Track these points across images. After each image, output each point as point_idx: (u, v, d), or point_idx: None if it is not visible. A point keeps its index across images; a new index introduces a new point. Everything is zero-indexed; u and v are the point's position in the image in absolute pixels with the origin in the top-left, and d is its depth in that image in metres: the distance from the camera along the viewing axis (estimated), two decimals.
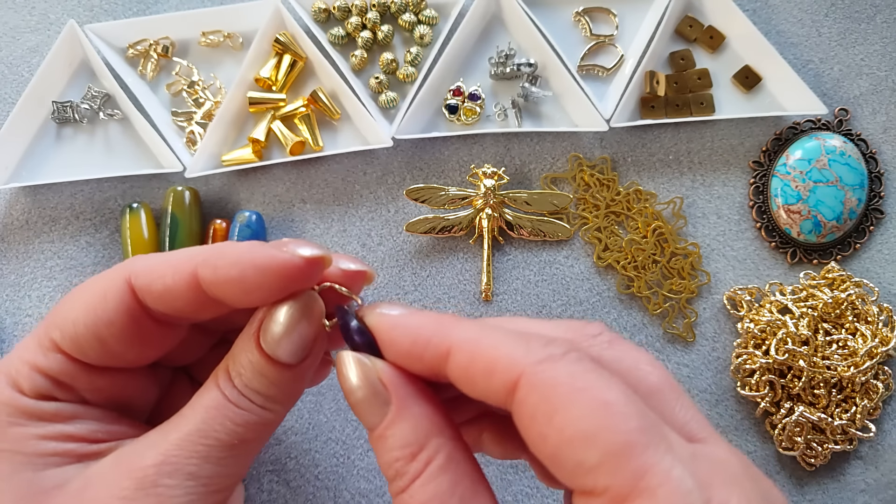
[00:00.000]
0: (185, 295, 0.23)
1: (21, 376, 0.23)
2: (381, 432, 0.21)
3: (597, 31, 0.48)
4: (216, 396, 0.23)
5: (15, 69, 0.48)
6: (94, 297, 0.23)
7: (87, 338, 0.23)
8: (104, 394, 0.25)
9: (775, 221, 0.44)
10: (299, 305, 0.23)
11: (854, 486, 0.41)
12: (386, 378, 0.21)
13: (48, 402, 0.23)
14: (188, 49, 0.48)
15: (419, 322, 0.22)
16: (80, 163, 0.46)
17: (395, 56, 0.47)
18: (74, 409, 0.24)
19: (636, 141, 0.46)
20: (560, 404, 0.18)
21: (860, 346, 0.41)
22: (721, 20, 0.47)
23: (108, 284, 0.23)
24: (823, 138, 0.44)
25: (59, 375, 0.23)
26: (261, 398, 0.23)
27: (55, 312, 0.24)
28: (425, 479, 0.20)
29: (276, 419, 0.24)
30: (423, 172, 0.46)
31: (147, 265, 0.23)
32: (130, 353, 0.24)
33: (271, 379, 0.23)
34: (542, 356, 0.19)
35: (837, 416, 0.41)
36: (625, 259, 0.44)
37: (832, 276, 0.43)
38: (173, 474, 0.21)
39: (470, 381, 0.20)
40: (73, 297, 0.24)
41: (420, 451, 0.20)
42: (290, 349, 0.23)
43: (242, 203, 0.46)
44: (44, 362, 0.23)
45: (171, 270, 0.23)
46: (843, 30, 0.48)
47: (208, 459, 0.22)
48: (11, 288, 0.45)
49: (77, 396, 0.24)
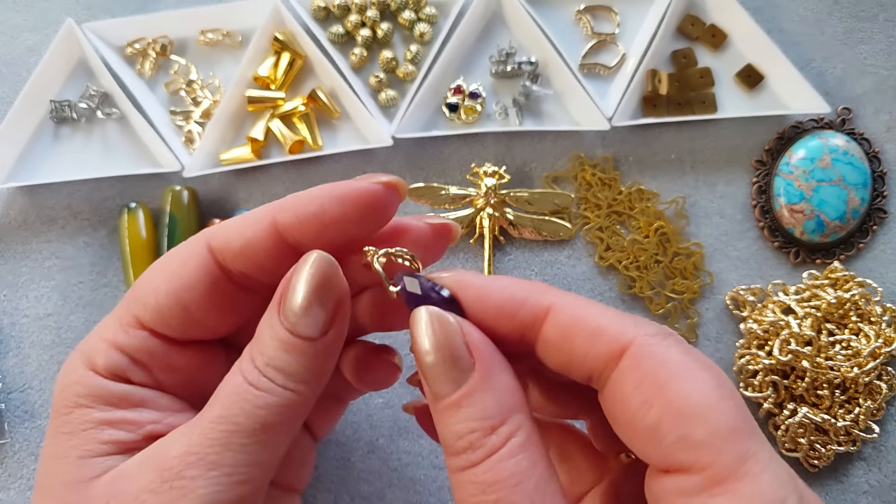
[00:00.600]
0: (265, 245, 0.22)
1: (98, 354, 0.23)
2: (457, 400, 0.20)
3: (598, 30, 0.47)
4: (236, 379, 0.22)
5: (13, 68, 0.48)
6: (173, 264, 0.23)
7: (168, 305, 0.23)
8: (180, 375, 0.24)
9: (778, 221, 0.44)
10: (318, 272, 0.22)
11: (857, 488, 0.41)
12: (472, 340, 0.20)
13: (120, 384, 0.23)
14: (186, 47, 0.48)
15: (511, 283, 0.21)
16: (78, 162, 0.46)
17: (394, 54, 0.46)
18: (143, 395, 0.23)
19: (638, 140, 0.46)
20: (672, 378, 0.18)
21: (863, 347, 0.40)
22: (723, 18, 0.47)
23: (187, 251, 0.23)
24: (826, 137, 0.44)
25: (138, 353, 0.23)
26: (282, 377, 0.21)
27: (135, 288, 0.24)
28: (503, 454, 0.19)
29: (300, 401, 0.22)
30: (424, 171, 0.46)
31: (224, 226, 0.23)
32: (211, 319, 0.24)
33: (293, 355, 0.21)
34: (650, 331, 0.19)
35: (841, 418, 0.40)
36: (627, 259, 0.44)
37: (835, 276, 0.43)
38: (196, 465, 0.20)
39: (567, 344, 0.20)
40: (152, 270, 0.24)
41: (501, 424, 0.19)
42: (310, 320, 0.21)
43: (241, 202, 0.46)
44: (123, 339, 0.23)
45: (250, 223, 0.23)
46: (846, 28, 0.48)
47: (229, 447, 0.21)
48: (9, 288, 0.44)
49: (151, 379, 0.23)
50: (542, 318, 0.20)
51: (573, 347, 0.20)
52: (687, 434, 0.17)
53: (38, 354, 0.43)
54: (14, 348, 0.43)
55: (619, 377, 0.19)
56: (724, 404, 0.18)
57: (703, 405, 0.18)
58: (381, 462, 0.41)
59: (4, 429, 0.42)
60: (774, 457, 0.18)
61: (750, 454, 0.17)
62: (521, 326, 0.20)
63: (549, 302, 0.20)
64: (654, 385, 0.18)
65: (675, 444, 0.18)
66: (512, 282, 0.21)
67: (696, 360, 0.19)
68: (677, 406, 0.18)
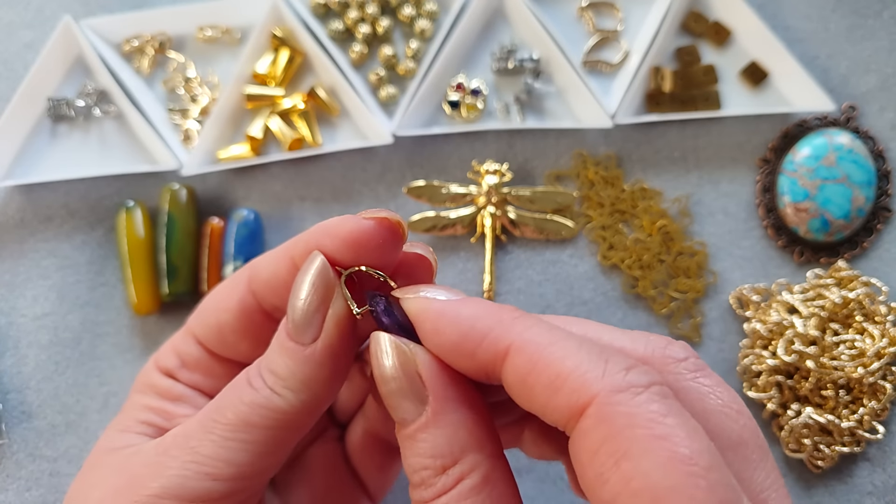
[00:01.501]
0: (287, 278, 0.23)
1: (164, 355, 0.27)
2: (412, 433, 0.19)
3: (601, 26, 0.47)
4: (240, 375, 0.23)
5: (9, 65, 0.48)
6: (223, 290, 0.26)
7: (210, 325, 0.26)
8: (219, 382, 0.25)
9: (783, 220, 0.44)
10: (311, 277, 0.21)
11: (862, 489, 0.41)
12: (425, 373, 0.19)
13: (167, 379, 0.26)
14: (185, 44, 0.48)
15: (473, 313, 0.19)
16: (75, 161, 0.46)
17: (395, 51, 0.46)
18: (183, 392, 0.26)
19: (641, 137, 0.46)
20: (633, 448, 0.15)
21: (868, 347, 0.40)
22: (727, 15, 0.46)
23: (235, 278, 0.26)
24: (831, 135, 0.44)
25: (187, 358, 0.26)
26: (272, 378, 0.22)
27: (200, 304, 0.27)
28: (453, 497, 0.18)
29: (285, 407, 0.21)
30: (424, 169, 0.46)
31: (263, 257, 0.25)
32: (243, 345, 0.26)
33: (285, 358, 0.22)
34: (620, 383, 0.16)
35: (845, 418, 0.40)
36: (630, 258, 0.43)
37: (840, 275, 0.43)
38: (179, 446, 0.21)
39: (527, 392, 0.18)
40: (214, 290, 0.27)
41: (453, 464, 0.18)
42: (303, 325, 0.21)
43: (240, 201, 0.45)
44: (182, 346, 0.27)
45: (277, 255, 0.24)
46: (850, 25, 0.47)
47: (212, 436, 0.21)
48: (6, 287, 0.44)
49: (194, 381, 0.26)
50: (501, 358, 0.18)
51: (533, 396, 0.17)
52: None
53: (35, 354, 0.43)
54: (11, 348, 0.43)
55: (578, 438, 0.16)
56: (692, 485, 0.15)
57: (666, 486, 0.15)
58: None
59: (2, 429, 0.41)
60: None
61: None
62: (481, 365, 0.18)
63: (508, 342, 0.18)
64: (611, 456, 0.15)
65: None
66: (473, 312, 0.19)
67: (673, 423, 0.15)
68: (634, 486, 0.15)
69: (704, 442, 0.16)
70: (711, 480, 0.15)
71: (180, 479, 0.21)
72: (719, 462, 0.16)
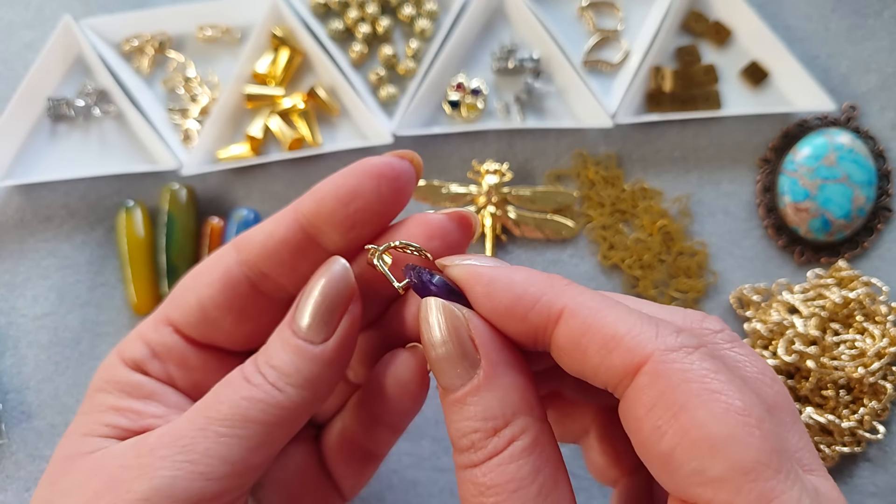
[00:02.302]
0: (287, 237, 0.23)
1: (129, 346, 0.24)
2: (461, 397, 0.19)
3: (601, 26, 0.47)
4: (232, 374, 0.22)
5: (9, 65, 0.48)
6: (205, 265, 0.24)
7: (191, 305, 0.24)
8: (194, 375, 0.24)
9: (783, 219, 0.44)
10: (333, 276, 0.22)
11: (862, 489, 0.41)
12: (478, 336, 0.19)
13: (136, 374, 0.24)
14: (184, 44, 0.48)
15: (525, 277, 0.19)
16: (75, 160, 0.46)
17: (395, 50, 0.46)
18: (154, 388, 0.24)
19: (641, 137, 0.46)
20: (690, 401, 0.16)
21: (869, 347, 0.40)
22: (728, 14, 0.46)
23: (217, 253, 0.24)
24: (832, 135, 0.44)
25: (157, 346, 0.24)
26: (274, 374, 0.21)
27: (175, 287, 0.25)
28: (504, 458, 0.18)
29: (287, 404, 0.21)
30: (425, 169, 0.46)
31: (253, 228, 0.24)
32: (226, 322, 0.24)
33: (291, 355, 0.21)
34: (673, 344, 0.17)
35: (846, 418, 0.40)
36: (630, 258, 0.43)
37: (841, 275, 0.43)
38: (169, 445, 0.20)
39: (580, 353, 0.18)
40: (191, 272, 0.25)
41: (504, 426, 0.18)
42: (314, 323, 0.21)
43: (240, 201, 0.45)
44: (151, 334, 0.24)
45: (274, 218, 0.23)
46: (851, 25, 0.47)
47: (205, 432, 0.20)
48: (6, 287, 0.44)
49: (165, 373, 0.24)
50: (554, 321, 0.18)
51: (586, 358, 0.18)
52: (702, 468, 0.16)
53: (35, 354, 0.43)
54: (11, 348, 0.43)
55: (634, 396, 0.17)
56: (747, 434, 0.16)
57: (723, 435, 0.15)
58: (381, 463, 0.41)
59: (2, 429, 0.41)
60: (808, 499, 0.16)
61: (775, 494, 0.15)
62: (532, 328, 0.19)
63: (561, 305, 0.18)
64: (668, 409, 0.16)
65: (688, 477, 0.16)
66: (525, 277, 0.19)
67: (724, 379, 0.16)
68: (693, 435, 0.16)
69: (754, 396, 0.17)
70: (764, 430, 0.16)
71: (171, 480, 0.20)
72: (768, 416, 0.16)
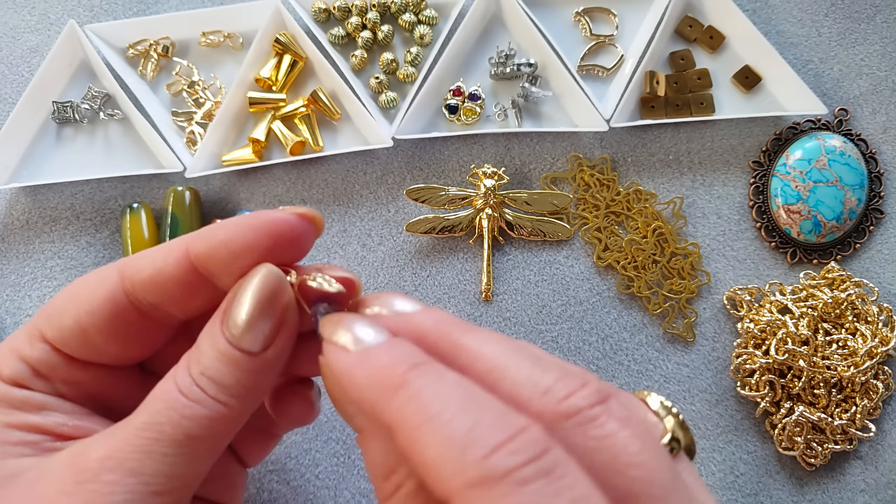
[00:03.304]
0: (176, 273, 0.22)
1: (3, 362, 0.23)
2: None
3: (597, 31, 0.48)
4: (167, 386, 0.21)
5: (15, 69, 0.48)
6: (83, 288, 0.23)
7: (70, 327, 0.23)
8: (82, 389, 0.24)
9: (775, 221, 0.44)
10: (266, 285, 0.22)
11: (854, 486, 0.41)
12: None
13: (19, 390, 0.23)
14: (188, 49, 0.48)
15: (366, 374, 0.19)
16: (81, 163, 0.46)
17: (395, 56, 0.47)
18: (45, 400, 0.23)
19: (636, 141, 0.46)
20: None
21: (860, 346, 0.41)
22: (721, 20, 0.47)
23: (100, 276, 0.23)
24: (823, 138, 0.44)
25: (38, 364, 0.23)
26: (214, 388, 0.21)
27: (49, 303, 0.24)
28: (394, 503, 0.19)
29: (229, 415, 0.21)
30: (424, 172, 0.46)
31: (137, 256, 0.23)
32: (112, 348, 0.23)
33: (230, 367, 0.21)
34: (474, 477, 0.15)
35: (837, 416, 0.41)
36: (625, 259, 0.44)
37: (832, 276, 0.43)
38: (114, 469, 0.20)
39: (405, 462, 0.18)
40: (66, 290, 0.23)
41: (391, 473, 0.19)
42: (252, 334, 0.21)
43: (242, 203, 0.46)
44: (27, 350, 0.23)
45: (164, 251, 0.23)
46: (842, 30, 0.48)
47: (151, 455, 0.20)
48: (12, 288, 0.45)
49: (52, 388, 0.23)
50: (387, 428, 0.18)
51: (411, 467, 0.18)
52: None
53: None
54: None
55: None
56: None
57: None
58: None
59: None
60: None
61: None
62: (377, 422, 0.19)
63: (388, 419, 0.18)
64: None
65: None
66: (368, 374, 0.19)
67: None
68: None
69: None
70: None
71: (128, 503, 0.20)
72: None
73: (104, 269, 0.23)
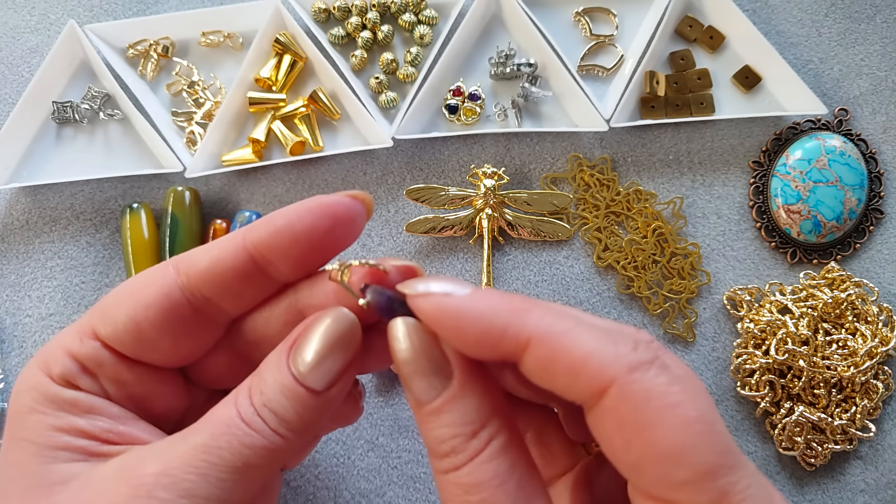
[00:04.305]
0: (233, 264, 0.22)
1: (53, 360, 0.23)
2: (439, 406, 0.20)
3: (597, 32, 0.48)
4: (229, 412, 0.21)
5: (15, 69, 0.48)
6: (140, 282, 0.23)
7: (124, 322, 0.23)
8: (128, 389, 0.24)
9: (775, 221, 0.44)
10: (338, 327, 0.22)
11: (854, 486, 0.41)
12: (450, 350, 0.21)
13: (70, 390, 0.23)
14: (188, 49, 0.48)
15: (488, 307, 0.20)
16: (81, 163, 0.46)
17: (395, 56, 0.47)
18: (92, 402, 0.23)
19: (636, 141, 0.46)
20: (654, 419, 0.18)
21: (860, 346, 0.41)
22: (721, 20, 0.47)
23: (153, 272, 0.23)
24: (823, 138, 0.44)
25: (87, 361, 0.23)
26: (276, 421, 0.21)
27: (101, 301, 0.24)
28: (485, 457, 0.19)
29: (287, 448, 0.22)
30: (423, 172, 0.46)
31: (192, 251, 0.24)
32: (164, 345, 0.23)
33: (293, 403, 0.21)
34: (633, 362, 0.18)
35: (837, 416, 0.41)
36: (625, 259, 0.44)
37: (832, 276, 0.43)
38: (169, 487, 0.20)
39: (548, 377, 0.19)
40: (120, 287, 0.24)
41: (481, 429, 0.20)
42: (318, 374, 0.21)
43: (243, 203, 0.46)
44: (77, 347, 0.23)
45: (220, 243, 0.23)
46: (842, 30, 0.48)
47: (207, 478, 0.20)
48: (11, 288, 0.45)
49: (99, 388, 0.23)
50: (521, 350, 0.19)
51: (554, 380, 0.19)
52: (668, 475, 0.18)
53: None
54: (17, 348, 0.44)
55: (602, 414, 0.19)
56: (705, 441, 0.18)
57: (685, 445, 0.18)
58: (380, 460, 0.41)
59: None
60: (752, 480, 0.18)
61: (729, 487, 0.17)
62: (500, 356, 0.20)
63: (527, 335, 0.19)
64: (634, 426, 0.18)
65: (656, 482, 0.18)
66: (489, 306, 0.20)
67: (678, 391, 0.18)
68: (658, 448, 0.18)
69: (704, 400, 0.18)
70: (716, 433, 0.18)
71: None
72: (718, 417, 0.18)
73: (158, 266, 0.24)
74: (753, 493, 0.18)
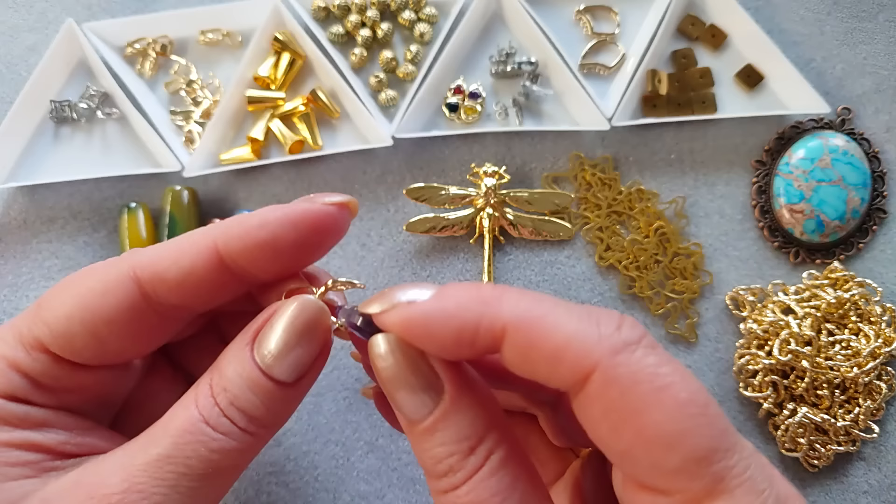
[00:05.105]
0: (206, 276, 0.21)
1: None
2: (432, 424, 0.19)
3: (598, 30, 0.47)
4: (192, 417, 0.20)
5: (13, 68, 0.48)
6: (91, 292, 0.21)
7: (82, 336, 0.21)
8: (88, 394, 0.23)
9: (778, 221, 0.44)
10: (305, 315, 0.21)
11: (857, 488, 0.41)
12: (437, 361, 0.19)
13: (18, 405, 0.21)
14: (186, 47, 0.48)
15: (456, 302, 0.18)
16: (78, 162, 0.46)
17: (394, 54, 0.46)
18: (45, 416, 0.21)
19: (638, 140, 0.46)
20: (642, 404, 0.17)
21: (863, 347, 0.40)
22: (723, 18, 0.47)
23: (107, 278, 0.21)
24: (826, 137, 0.44)
25: (41, 377, 0.21)
26: (244, 419, 0.20)
27: (41, 306, 0.21)
28: (484, 474, 0.18)
29: (257, 445, 0.21)
30: (424, 171, 0.46)
31: (154, 255, 0.21)
32: (128, 351, 0.22)
33: (261, 397, 0.20)
34: (617, 343, 0.17)
35: (840, 417, 0.40)
36: (627, 259, 0.44)
37: (835, 276, 0.43)
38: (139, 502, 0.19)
39: (529, 366, 0.18)
40: (63, 292, 0.22)
41: (479, 444, 0.18)
42: (287, 364, 0.20)
43: (241, 202, 0.46)
44: (26, 362, 0.21)
45: (188, 251, 0.21)
46: (846, 28, 0.48)
47: (177, 489, 0.19)
48: (9, 288, 0.44)
49: (53, 400, 0.22)
50: (499, 340, 0.18)
51: (535, 369, 0.18)
52: (659, 463, 0.16)
53: None
54: None
55: (587, 401, 0.17)
56: (697, 425, 0.16)
57: (677, 431, 0.16)
58: (380, 462, 0.41)
59: None
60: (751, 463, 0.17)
61: (725, 472, 0.16)
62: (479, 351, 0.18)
63: (502, 323, 0.18)
64: (622, 412, 0.17)
65: (647, 470, 0.17)
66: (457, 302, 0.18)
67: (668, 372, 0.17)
68: (648, 434, 0.16)
69: (695, 382, 0.17)
70: (710, 416, 0.17)
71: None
72: (711, 399, 0.17)
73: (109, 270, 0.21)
74: (751, 475, 0.17)
